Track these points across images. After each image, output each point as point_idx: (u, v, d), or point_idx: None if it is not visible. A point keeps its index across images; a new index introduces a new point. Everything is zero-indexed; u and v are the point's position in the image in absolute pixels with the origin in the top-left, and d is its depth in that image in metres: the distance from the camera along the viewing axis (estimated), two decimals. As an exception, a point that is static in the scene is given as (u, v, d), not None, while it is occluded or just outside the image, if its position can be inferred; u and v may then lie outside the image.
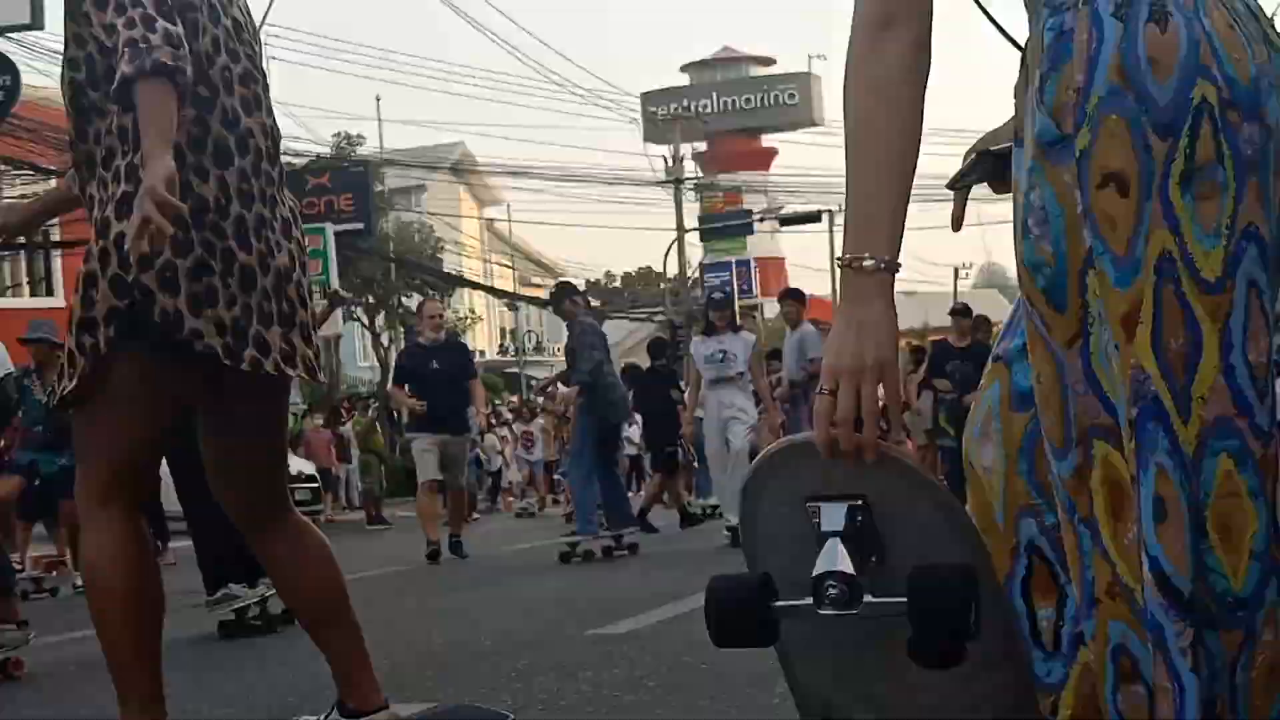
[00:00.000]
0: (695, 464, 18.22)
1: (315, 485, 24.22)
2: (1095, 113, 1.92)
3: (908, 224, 2.07)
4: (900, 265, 2.06)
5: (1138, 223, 1.91)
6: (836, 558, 2.05)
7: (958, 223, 2.64)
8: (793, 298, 14.84)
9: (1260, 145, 1.92)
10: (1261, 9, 2.02)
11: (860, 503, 2.07)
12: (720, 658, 5.71)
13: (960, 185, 2.57)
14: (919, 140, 2.10)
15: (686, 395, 15.19)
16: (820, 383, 2.06)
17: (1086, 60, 1.93)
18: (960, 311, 15.55)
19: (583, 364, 12.09)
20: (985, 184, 2.53)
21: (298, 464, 22.99)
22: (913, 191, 2.08)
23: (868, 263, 2.04)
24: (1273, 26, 2.01)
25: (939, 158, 4.28)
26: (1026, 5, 2.09)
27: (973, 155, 2.54)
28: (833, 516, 2.08)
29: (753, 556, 2.28)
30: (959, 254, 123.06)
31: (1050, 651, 2.21)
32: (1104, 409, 1.99)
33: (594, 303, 58.35)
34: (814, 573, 2.06)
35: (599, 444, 12.34)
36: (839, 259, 2.08)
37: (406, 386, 13.27)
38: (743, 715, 4.51)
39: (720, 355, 12.97)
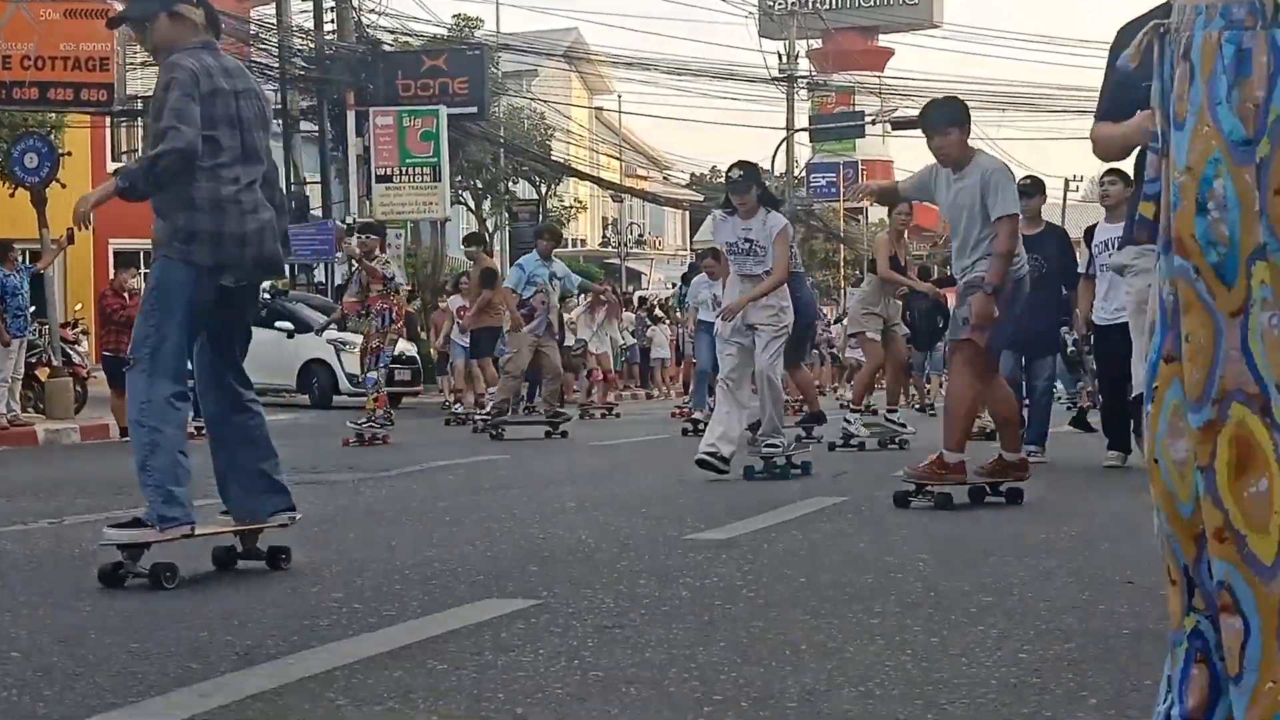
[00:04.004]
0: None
1: (415, 367, 24.46)
2: (1274, 127, 2.21)
3: (1018, 133, 2.32)
4: None
5: None
6: None
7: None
8: None
9: None
10: None
11: None
12: (816, 573, 5.78)
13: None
14: None
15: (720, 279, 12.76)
16: None
17: (1267, 80, 2.21)
18: (1025, 190, 12.42)
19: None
20: None
21: (400, 345, 23.22)
22: (1023, 98, 2.25)
23: None
24: None
25: (1052, 67, 4.20)
26: (1182, 7, 2.33)
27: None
28: None
29: None
30: (1070, 165, 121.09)
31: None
32: (1252, 377, 2.25)
33: (698, 198, 58.23)
34: None
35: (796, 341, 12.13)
36: None
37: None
38: (840, 632, 4.56)
39: (746, 244, 10.22)
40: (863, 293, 14.23)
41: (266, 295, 20.31)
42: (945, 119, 8.34)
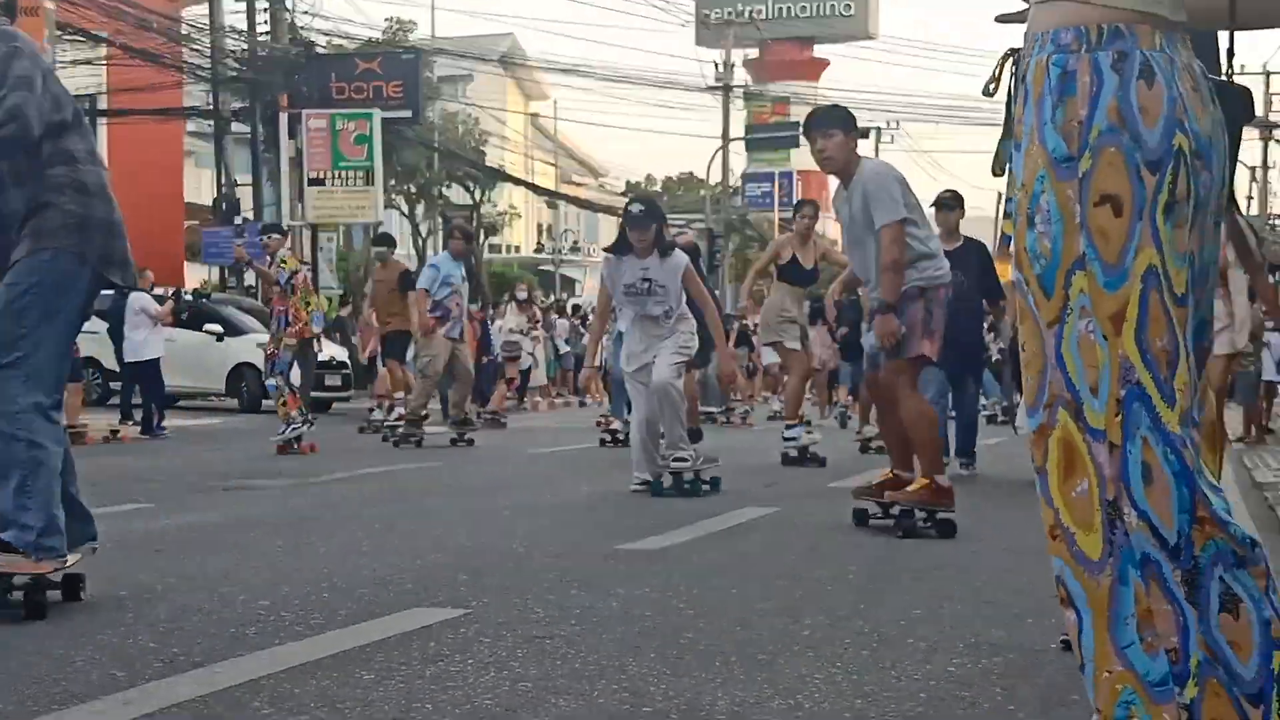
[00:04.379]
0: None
1: (346, 372, 24.33)
2: (1096, 143, 2.35)
3: (952, 147, 2.44)
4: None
5: (1128, 239, 2.34)
6: None
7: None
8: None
9: (1208, 189, 2.40)
10: (1202, 66, 2.47)
11: None
12: (747, 584, 5.78)
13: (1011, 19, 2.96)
14: None
15: (591, 325, 12.70)
16: None
17: (1089, 99, 2.36)
18: (945, 204, 12.11)
19: None
20: None
21: (330, 349, 23.09)
22: (958, 112, 2.35)
23: None
24: (1211, 88, 2.46)
25: (974, 79, 4.25)
26: (1026, 35, 2.50)
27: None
28: None
29: None
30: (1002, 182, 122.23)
31: None
32: (1066, 387, 2.40)
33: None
34: None
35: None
36: None
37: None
38: (771, 644, 4.56)
39: (645, 284, 9.86)
40: (773, 301, 13.43)
41: (189, 298, 20.00)
42: (829, 120, 7.86)
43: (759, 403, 27.99)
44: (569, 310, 33.62)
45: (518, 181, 46.78)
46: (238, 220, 29.66)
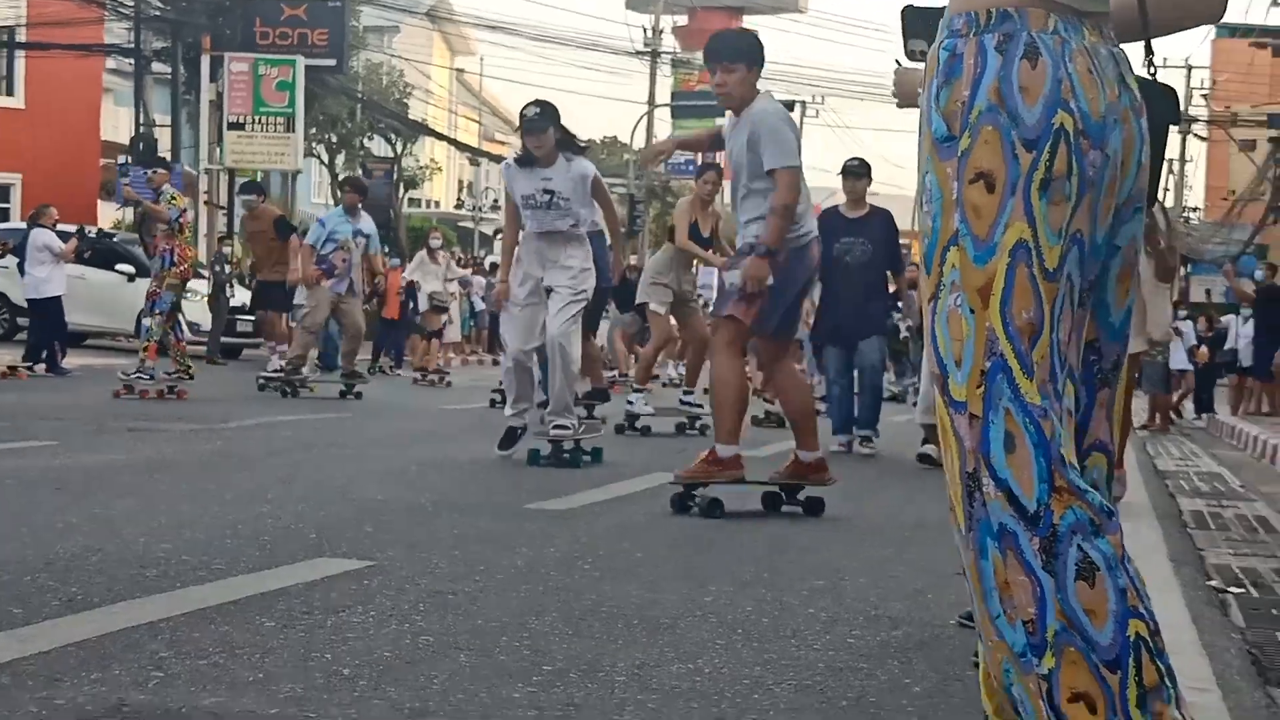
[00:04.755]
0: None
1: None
2: (975, 122, 2.40)
3: (874, 126, 2.46)
4: None
5: (999, 214, 2.38)
6: None
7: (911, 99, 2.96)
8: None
9: (1099, 169, 2.41)
10: (1123, 53, 2.51)
11: None
12: (652, 548, 5.80)
13: (914, 52, 2.94)
14: None
15: (501, 244, 11.33)
16: None
17: (972, 80, 2.41)
18: (853, 171, 11.71)
19: None
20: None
21: (242, 295, 22.86)
22: (885, 90, 2.37)
23: None
24: (1129, 69, 2.49)
25: (888, 56, 4.23)
26: (940, 26, 2.54)
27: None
28: None
29: None
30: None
31: None
32: (936, 362, 2.45)
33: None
34: None
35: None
36: None
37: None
38: (673, 608, 4.57)
39: (546, 196, 8.97)
40: (654, 261, 12.93)
41: (92, 236, 19.54)
42: (733, 52, 7.19)
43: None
44: (486, 267, 33.48)
45: (440, 136, 46.53)
46: (121, 160, 29.15)
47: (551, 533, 6.09)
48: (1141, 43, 2.70)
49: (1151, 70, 2.69)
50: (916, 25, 2.92)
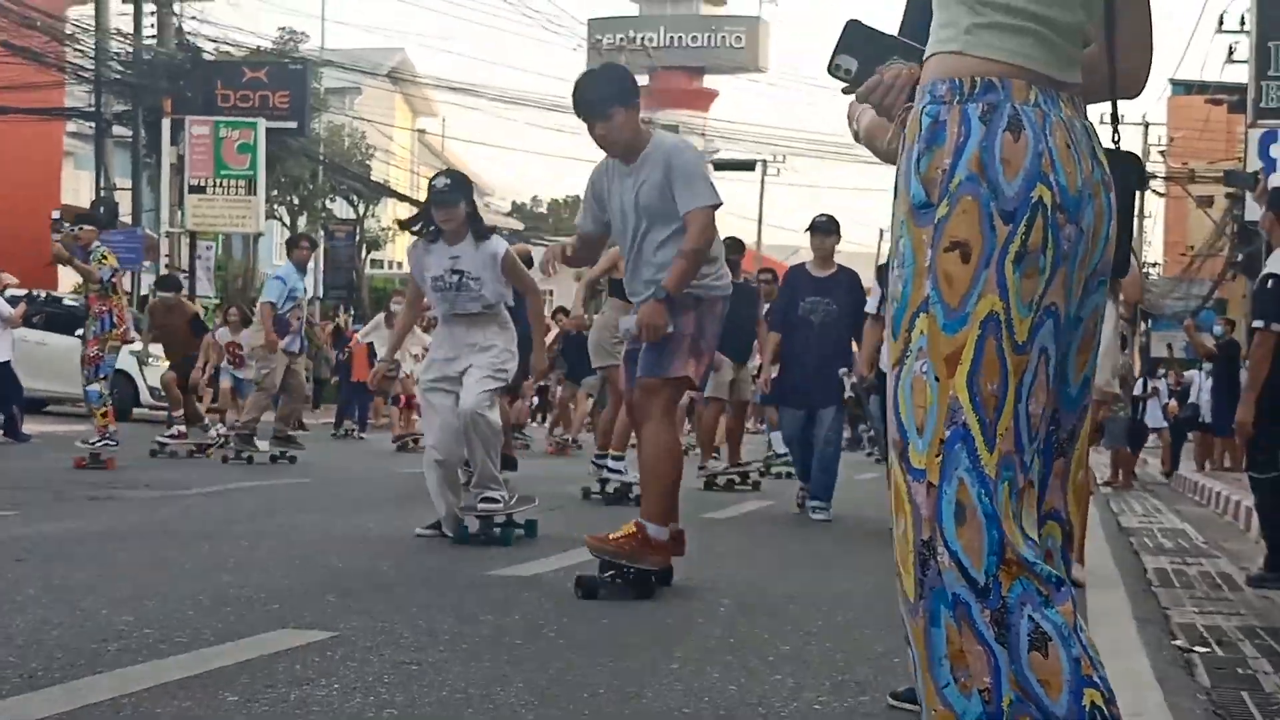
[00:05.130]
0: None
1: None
2: (955, 191, 2.40)
3: (835, 183, 2.43)
4: None
5: (972, 285, 2.39)
6: None
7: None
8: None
9: (1074, 243, 2.44)
10: (1092, 127, 2.55)
11: None
12: (620, 615, 5.78)
13: (838, 67, 2.89)
14: None
15: (399, 315, 10.49)
16: None
17: (954, 149, 2.41)
18: (821, 227, 11.30)
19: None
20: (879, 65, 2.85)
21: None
22: (845, 150, 2.39)
23: None
24: (1099, 142, 2.54)
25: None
26: (916, 89, 2.56)
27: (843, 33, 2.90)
28: None
29: None
30: (885, 217, 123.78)
31: None
32: (898, 428, 2.45)
33: (518, 226, 58.21)
34: None
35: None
36: None
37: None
38: (640, 676, 4.55)
39: (455, 277, 8.25)
40: (605, 319, 11.74)
41: (41, 299, 19.20)
42: (606, 98, 6.54)
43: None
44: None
45: (402, 197, 46.48)
46: (55, 215, 28.91)
47: (516, 599, 6.06)
48: (1106, 104, 2.72)
49: (1116, 139, 2.71)
50: (855, 42, 2.84)
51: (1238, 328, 22.21)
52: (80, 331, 16.57)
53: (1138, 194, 2.76)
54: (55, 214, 29.02)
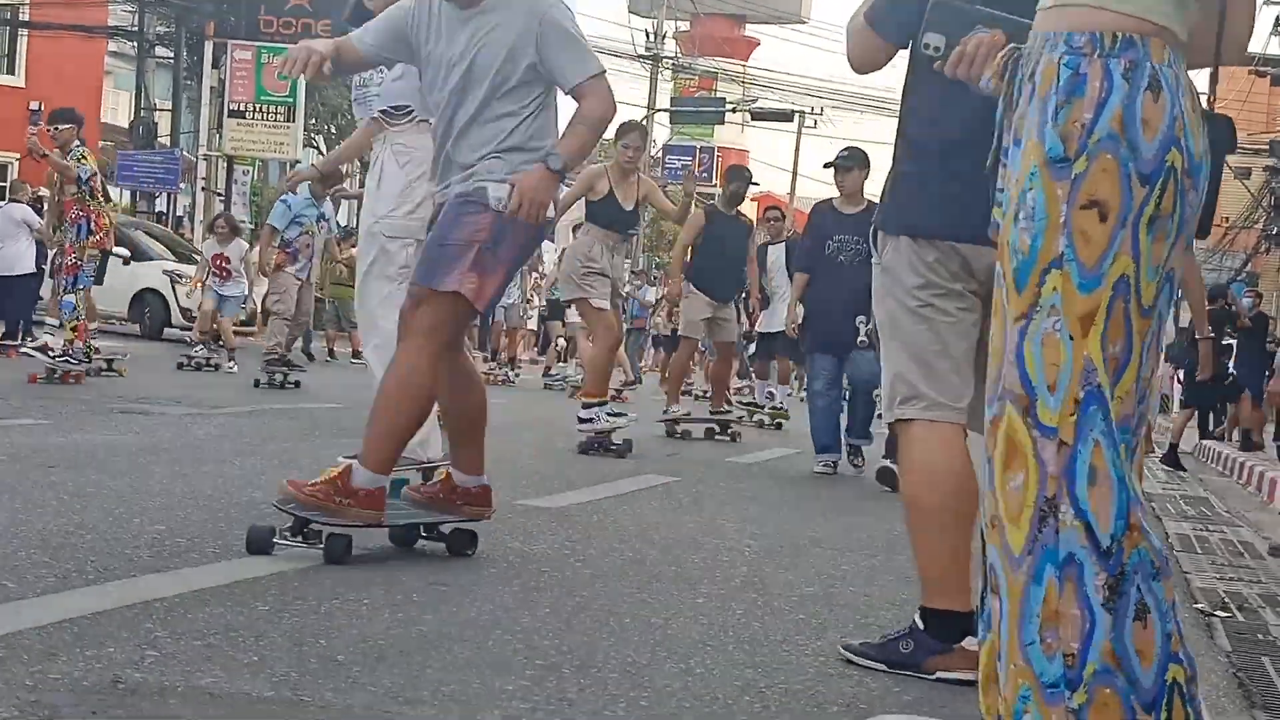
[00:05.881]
0: None
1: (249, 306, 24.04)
2: (1094, 148, 2.39)
3: (873, 137, 2.43)
4: None
5: (1109, 245, 2.39)
6: None
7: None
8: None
9: (1194, 209, 2.49)
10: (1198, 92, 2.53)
11: None
12: (645, 549, 5.81)
13: (929, 45, 2.99)
14: None
15: None
16: None
17: (1095, 104, 2.39)
18: (843, 162, 10.44)
19: None
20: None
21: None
22: (884, 102, 2.40)
23: None
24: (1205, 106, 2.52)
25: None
26: (1034, 35, 2.53)
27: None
28: None
29: None
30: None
31: None
32: (1021, 382, 2.44)
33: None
34: None
35: None
36: None
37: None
38: (665, 609, 4.59)
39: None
40: (579, 245, 10.70)
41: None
42: None
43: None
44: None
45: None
46: (34, 105, 28.32)
47: (544, 530, 6.10)
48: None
49: (1212, 99, 2.69)
50: (942, 19, 2.90)
51: (1265, 300, 22.05)
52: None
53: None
54: (34, 104, 28.68)
